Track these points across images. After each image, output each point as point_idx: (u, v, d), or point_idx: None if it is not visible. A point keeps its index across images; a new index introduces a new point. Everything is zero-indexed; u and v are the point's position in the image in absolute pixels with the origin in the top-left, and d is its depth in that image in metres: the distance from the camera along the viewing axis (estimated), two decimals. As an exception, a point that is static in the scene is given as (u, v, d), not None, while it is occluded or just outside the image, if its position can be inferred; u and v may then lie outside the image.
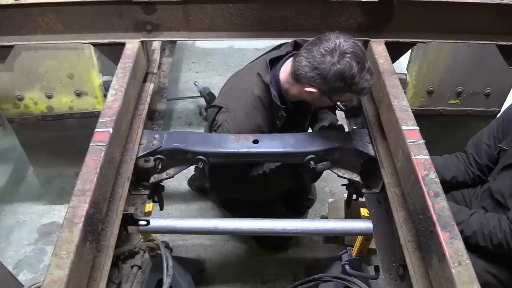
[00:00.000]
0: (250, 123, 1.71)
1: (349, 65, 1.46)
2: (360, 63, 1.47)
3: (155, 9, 1.62)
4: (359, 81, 1.48)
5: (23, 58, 2.01)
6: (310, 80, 1.54)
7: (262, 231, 1.49)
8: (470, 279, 0.89)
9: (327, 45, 1.48)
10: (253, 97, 1.73)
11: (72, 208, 1.03)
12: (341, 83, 1.50)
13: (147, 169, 1.51)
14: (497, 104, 2.27)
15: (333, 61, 1.47)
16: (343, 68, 1.46)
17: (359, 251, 1.79)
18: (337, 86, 1.51)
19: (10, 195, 2.99)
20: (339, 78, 1.48)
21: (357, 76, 1.47)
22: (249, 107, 1.73)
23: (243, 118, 1.72)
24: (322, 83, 1.53)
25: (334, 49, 1.47)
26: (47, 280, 0.89)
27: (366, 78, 1.50)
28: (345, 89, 1.52)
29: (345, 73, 1.46)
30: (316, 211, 2.88)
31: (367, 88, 1.52)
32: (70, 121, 2.26)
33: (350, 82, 1.49)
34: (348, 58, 1.46)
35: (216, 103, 1.83)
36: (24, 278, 2.48)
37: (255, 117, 1.74)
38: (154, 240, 1.36)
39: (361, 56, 1.49)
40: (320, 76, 1.51)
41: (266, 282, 2.49)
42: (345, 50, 1.46)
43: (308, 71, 1.53)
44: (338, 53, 1.47)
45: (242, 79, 1.86)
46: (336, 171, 1.54)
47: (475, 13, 1.63)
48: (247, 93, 1.75)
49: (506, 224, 1.61)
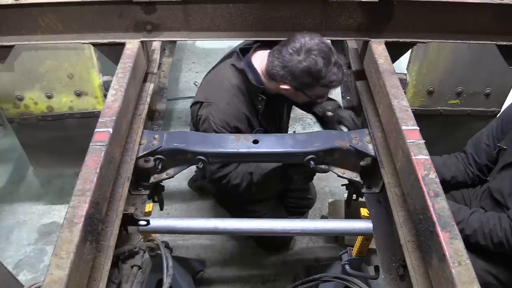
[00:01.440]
0: (233, 111, 1.84)
1: (314, 61, 1.63)
2: (325, 58, 1.64)
3: (155, 9, 1.62)
4: (326, 75, 1.67)
5: (23, 58, 2.01)
6: (283, 78, 1.72)
7: (262, 231, 1.49)
8: (470, 279, 0.89)
9: (293, 45, 1.65)
10: (231, 86, 1.86)
11: (72, 208, 1.03)
12: (309, 78, 1.68)
13: (147, 169, 1.51)
14: (497, 104, 2.27)
15: (300, 59, 1.64)
16: (309, 65, 1.64)
17: (359, 251, 1.79)
18: (306, 81, 1.69)
19: (10, 195, 2.99)
20: (306, 74, 1.66)
21: (323, 70, 1.66)
22: (229, 96, 1.85)
23: (225, 107, 1.83)
24: (293, 80, 1.71)
25: (300, 48, 1.64)
26: (47, 280, 0.89)
27: (334, 72, 1.68)
28: (314, 84, 1.71)
29: (311, 68, 1.65)
30: (316, 211, 2.88)
31: (336, 81, 1.71)
32: (70, 121, 2.27)
33: (317, 77, 1.67)
34: (314, 55, 1.63)
35: (196, 99, 1.94)
36: (24, 278, 2.48)
37: (237, 105, 1.85)
38: (154, 240, 1.36)
39: (326, 51, 1.65)
40: (290, 73, 1.69)
41: (266, 282, 2.49)
42: (310, 48, 1.63)
43: (280, 70, 1.70)
44: (304, 51, 1.63)
45: (217, 74, 1.98)
46: (336, 171, 1.54)
47: (475, 13, 1.63)
48: (225, 84, 1.87)
49: (507, 222, 1.61)
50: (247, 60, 1.84)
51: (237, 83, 1.86)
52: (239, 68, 1.85)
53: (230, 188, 1.96)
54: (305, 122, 3.56)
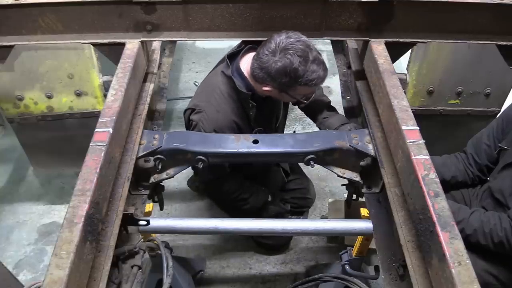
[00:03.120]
0: (223, 119, 1.83)
1: (289, 61, 1.59)
2: (302, 56, 1.59)
3: (155, 9, 1.62)
4: (304, 73, 1.62)
5: (23, 58, 2.01)
6: (262, 79, 1.70)
7: (262, 231, 1.49)
8: (470, 279, 0.89)
9: (269, 46, 1.62)
10: (221, 93, 1.85)
11: (72, 208, 1.03)
12: (286, 78, 1.64)
13: (147, 169, 1.51)
14: (497, 104, 2.27)
15: (275, 59, 1.61)
16: (284, 64, 1.60)
17: (359, 251, 1.79)
18: (284, 81, 1.65)
19: (10, 195, 2.99)
20: (282, 74, 1.63)
21: (300, 69, 1.61)
22: (219, 104, 1.84)
23: (215, 115, 1.82)
24: (271, 81, 1.68)
25: (275, 48, 1.61)
26: (47, 280, 0.89)
27: (313, 69, 1.62)
28: (293, 83, 1.66)
29: (286, 68, 1.61)
30: (316, 211, 2.88)
31: (317, 79, 1.65)
32: (70, 121, 2.27)
33: (294, 76, 1.63)
34: (289, 54, 1.59)
35: (189, 106, 1.94)
36: (24, 278, 2.48)
37: (226, 112, 1.84)
38: (154, 240, 1.36)
39: (303, 49, 1.60)
40: (267, 74, 1.66)
41: (266, 282, 2.49)
42: (285, 47, 1.59)
43: (259, 72, 1.69)
44: (279, 51, 1.60)
45: (209, 81, 1.98)
46: (336, 171, 1.54)
47: (475, 13, 1.63)
48: (215, 91, 1.87)
49: (507, 222, 1.61)
50: (236, 66, 1.83)
51: (227, 90, 1.85)
52: (227, 75, 1.84)
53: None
54: (305, 122, 3.55)
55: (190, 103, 1.97)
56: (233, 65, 1.84)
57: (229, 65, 1.85)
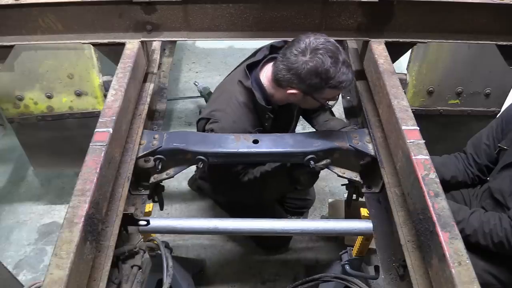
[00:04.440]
0: (239, 130, 1.72)
1: (321, 61, 1.52)
2: (333, 57, 1.52)
3: (155, 9, 1.62)
4: (335, 75, 1.54)
5: (23, 58, 2.01)
6: (289, 82, 1.61)
7: (262, 231, 1.49)
8: (470, 279, 0.89)
9: (298, 46, 1.56)
10: (238, 104, 1.77)
11: (72, 208, 1.03)
12: (317, 79, 1.55)
13: (147, 169, 1.51)
14: (497, 104, 2.27)
15: (305, 59, 1.53)
16: (315, 65, 1.52)
17: (359, 251, 1.79)
18: (314, 83, 1.57)
19: (10, 195, 2.99)
20: (313, 75, 1.54)
21: (332, 70, 1.53)
22: (236, 115, 1.77)
23: (231, 126, 1.74)
24: (300, 83, 1.59)
25: (305, 48, 1.54)
26: (47, 280, 0.89)
27: (343, 71, 1.55)
28: (323, 85, 1.57)
29: (318, 68, 1.53)
30: (316, 211, 2.88)
31: (346, 81, 1.57)
32: (70, 121, 2.26)
33: (325, 77, 1.54)
34: (320, 55, 1.52)
35: (204, 115, 1.86)
36: (24, 278, 2.48)
37: (243, 123, 1.77)
38: (154, 240, 1.36)
39: (334, 50, 1.54)
40: (296, 76, 1.57)
41: (266, 282, 2.49)
42: (315, 47, 1.53)
43: (285, 73, 1.60)
44: (309, 51, 1.53)
45: (225, 90, 1.90)
46: (336, 171, 1.54)
47: (475, 13, 1.63)
48: (232, 101, 1.79)
49: (507, 222, 1.61)
50: (255, 77, 1.78)
51: (244, 101, 1.78)
52: (246, 86, 1.77)
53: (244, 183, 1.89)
54: (305, 122, 3.54)
55: (204, 112, 1.90)
56: (252, 76, 1.78)
57: (248, 76, 1.78)
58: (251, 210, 2.25)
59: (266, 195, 2.05)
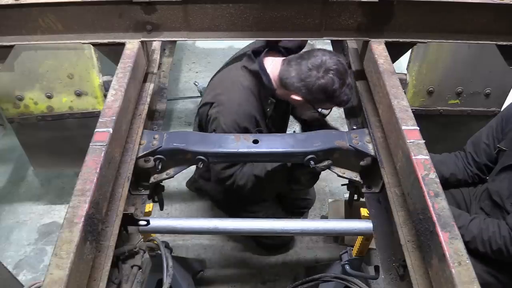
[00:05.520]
0: (243, 113, 1.84)
1: (332, 80, 1.71)
2: (341, 79, 1.72)
3: (155, 9, 1.62)
4: (339, 95, 1.75)
5: (23, 58, 2.01)
6: (297, 89, 1.77)
7: (262, 231, 1.49)
8: (470, 279, 0.89)
9: (314, 61, 1.72)
10: (242, 88, 1.88)
11: (72, 208, 1.03)
12: (323, 96, 1.75)
13: (147, 169, 1.51)
14: (497, 104, 2.27)
15: (319, 75, 1.71)
16: (326, 83, 1.71)
17: (359, 251, 1.79)
18: (320, 97, 1.76)
19: (10, 195, 2.99)
20: (322, 91, 1.73)
21: (338, 90, 1.73)
22: (240, 98, 1.86)
23: (235, 109, 1.84)
24: (307, 94, 1.76)
25: (320, 65, 1.71)
26: (47, 280, 0.89)
27: (346, 93, 1.76)
28: (326, 101, 1.78)
29: (328, 87, 1.71)
30: (316, 211, 2.88)
31: (345, 101, 1.79)
32: (70, 121, 2.26)
33: (331, 95, 1.74)
34: (332, 74, 1.70)
35: (207, 100, 1.94)
36: (24, 278, 2.48)
37: (248, 106, 1.87)
38: (154, 240, 1.36)
39: (343, 73, 1.73)
40: (306, 87, 1.74)
41: (266, 282, 2.49)
42: (329, 67, 1.71)
43: (296, 81, 1.76)
44: (323, 69, 1.71)
45: (227, 75, 1.99)
46: (336, 171, 1.54)
47: (475, 13, 1.63)
48: (236, 85, 1.89)
49: (506, 230, 1.60)
50: (260, 63, 1.86)
51: (249, 85, 1.88)
52: (251, 69, 1.86)
53: (235, 188, 1.95)
54: (305, 122, 3.55)
55: (205, 98, 1.97)
56: (258, 61, 1.87)
57: (254, 60, 1.87)
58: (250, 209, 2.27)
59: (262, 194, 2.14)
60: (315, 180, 2.06)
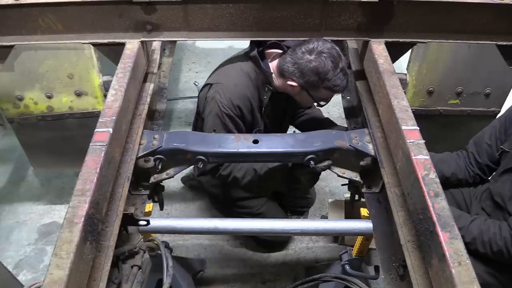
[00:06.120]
0: (239, 93, 1.90)
1: (323, 63, 1.74)
2: (334, 63, 1.75)
3: (155, 9, 1.62)
4: (332, 78, 1.77)
5: (23, 58, 2.01)
6: (291, 74, 1.82)
7: (262, 231, 1.49)
8: (470, 279, 0.89)
9: (307, 46, 1.76)
10: (241, 71, 1.95)
11: (72, 208, 1.03)
12: (315, 77, 1.78)
13: (147, 169, 1.51)
14: (497, 104, 2.27)
15: (311, 58, 1.76)
16: (318, 65, 1.75)
17: (359, 251, 1.79)
18: (312, 80, 1.79)
19: (10, 195, 2.99)
20: (313, 73, 1.77)
21: (330, 73, 1.76)
22: (238, 79, 1.93)
23: (232, 88, 1.90)
24: (300, 77, 1.80)
25: (313, 49, 1.75)
26: (47, 280, 0.89)
27: (339, 77, 1.79)
28: (319, 84, 1.80)
29: (319, 69, 1.75)
30: (316, 211, 2.88)
31: (340, 86, 1.81)
32: (70, 121, 2.26)
33: (323, 78, 1.77)
34: (324, 57, 1.74)
35: (207, 82, 2.02)
36: (24, 278, 2.48)
37: (244, 88, 1.92)
38: (154, 240, 1.36)
39: (336, 57, 1.76)
40: (298, 70, 1.79)
41: (266, 282, 2.49)
42: (321, 50, 1.74)
43: (290, 66, 1.81)
44: (315, 52, 1.75)
45: (230, 61, 2.06)
46: (336, 171, 1.54)
47: (475, 13, 1.63)
48: (236, 68, 1.97)
49: (507, 231, 1.60)
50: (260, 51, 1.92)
51: (248, 70, 1.93)
52: (251, 55, 1.92)
53: (231, 180, 1.98)
54: (305, 122, 3.55)
55: (207, 81, 2.04)
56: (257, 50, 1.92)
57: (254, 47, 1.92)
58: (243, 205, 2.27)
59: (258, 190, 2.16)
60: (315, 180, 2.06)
